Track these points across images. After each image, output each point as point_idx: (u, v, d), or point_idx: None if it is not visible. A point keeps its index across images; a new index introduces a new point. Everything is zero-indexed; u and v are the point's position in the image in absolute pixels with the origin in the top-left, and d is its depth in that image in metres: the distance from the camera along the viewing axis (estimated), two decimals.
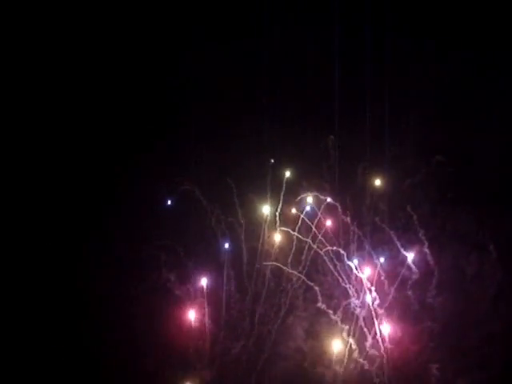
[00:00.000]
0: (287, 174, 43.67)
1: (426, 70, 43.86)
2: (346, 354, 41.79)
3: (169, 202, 43.08)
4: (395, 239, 42.58)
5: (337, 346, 41.73)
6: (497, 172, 42.89)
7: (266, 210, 43.47)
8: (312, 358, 42.59)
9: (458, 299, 42.16)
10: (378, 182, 43.84)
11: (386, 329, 41.60)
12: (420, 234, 42.52)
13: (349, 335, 42.12)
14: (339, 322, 42.31)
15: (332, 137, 43.57)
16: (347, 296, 42.64)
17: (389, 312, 42.47)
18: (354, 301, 42.64)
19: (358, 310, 42.55)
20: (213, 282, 43.16)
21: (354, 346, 41.90)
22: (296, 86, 44.13)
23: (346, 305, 42.65)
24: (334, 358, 41.96)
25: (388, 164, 43.72)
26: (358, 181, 43.78)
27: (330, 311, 42.53)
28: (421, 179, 43.21)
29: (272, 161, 44.10)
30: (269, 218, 43.38)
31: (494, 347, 41.07)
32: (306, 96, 44.08)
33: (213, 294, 43.13)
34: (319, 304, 42.54)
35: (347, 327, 42.28)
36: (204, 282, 42.93)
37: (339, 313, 42.53)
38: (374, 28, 43.01)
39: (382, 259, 42.43)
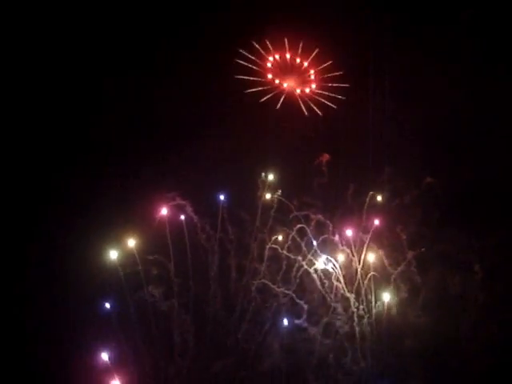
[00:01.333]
0: (279, 192, 42.93)
1: (417, 95, 44.24)
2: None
3: None
4: (384, 258, 42.73)
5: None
6: (484, 194, 43.46)
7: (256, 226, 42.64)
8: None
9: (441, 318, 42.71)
10: (367, 202, 43.62)
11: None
12: (407, 254, 42.88)
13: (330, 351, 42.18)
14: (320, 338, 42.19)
15: (326, 155, 43.29)
16: (333, 313, 42.56)
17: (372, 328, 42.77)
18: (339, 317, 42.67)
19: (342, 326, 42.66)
20: (199, 299, 42.15)
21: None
22: None
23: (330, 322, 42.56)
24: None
25: (378, 184, 43.69)
26: (348, 200, 43.55)
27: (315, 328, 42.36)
28: (410, 200, 43.44)
29: (263, 175, 43.33)
30: (259, 234, 42.64)
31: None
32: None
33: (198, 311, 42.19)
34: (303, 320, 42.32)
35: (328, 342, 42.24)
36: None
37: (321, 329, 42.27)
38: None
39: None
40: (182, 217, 41.76)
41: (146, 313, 40.63)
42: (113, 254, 39.70)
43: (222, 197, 42.41)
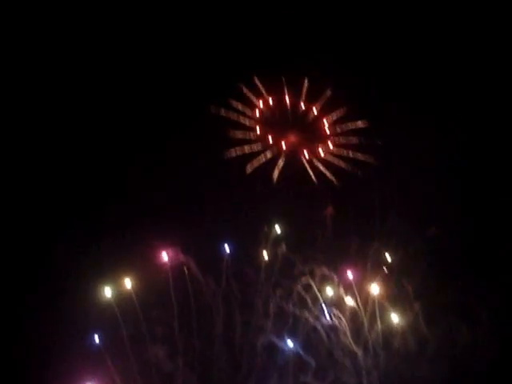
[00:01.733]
0: (283, 245, 42.51)
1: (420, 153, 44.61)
2: None
3: None
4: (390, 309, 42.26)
5: None
6: (486, 245, 43.40)
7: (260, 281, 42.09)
8: None
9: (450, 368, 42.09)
10: (372, 254, 43.35)
11: None
12: (414, 305, 42.44)
13: None
14: None
15: (330, 208, 43.09)
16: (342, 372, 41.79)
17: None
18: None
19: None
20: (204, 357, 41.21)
21: None
22: None
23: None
24: None
25: (383, 236, 43.47)
26: (353, 252, 43.20)
27: None
28: (414, 251, 43.26)
29: (267, 229, 42.99)
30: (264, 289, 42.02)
31: None
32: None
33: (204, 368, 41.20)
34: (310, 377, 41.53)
35: None
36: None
37: None
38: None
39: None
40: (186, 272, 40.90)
41: (150, 374, 39.49)
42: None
43: (226, 251, 41.58)
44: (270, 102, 44.75)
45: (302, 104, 45.76)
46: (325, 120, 45.66)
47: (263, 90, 44.66)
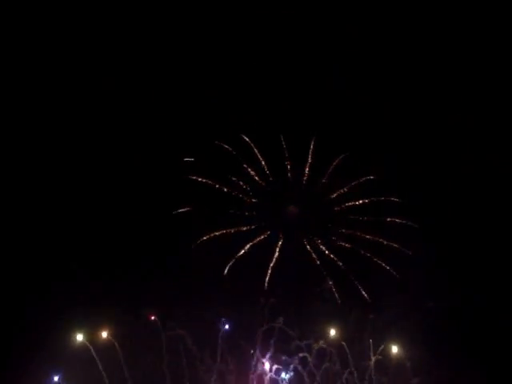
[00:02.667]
0: (280, 319, 41.87)
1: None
2: None
3: None
4: None
5: None
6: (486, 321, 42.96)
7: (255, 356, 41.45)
8: None
9: None
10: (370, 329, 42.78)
11: None
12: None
13: None
14: None
15: (330, 282, 42.59)
16: None
17: None
18: None
19: None
20: None
21: None
22: None
23: None
24: None
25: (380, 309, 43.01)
26: (350, 328, 42.62)
27: None
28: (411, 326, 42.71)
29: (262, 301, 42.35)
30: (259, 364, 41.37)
31: None
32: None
33: None
34: None
35: None
36: None
37: None
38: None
39: None
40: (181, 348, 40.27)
41: None
42: None
43: (222, 325, 40.99)
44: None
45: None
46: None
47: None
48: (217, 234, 42.97)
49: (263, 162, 44.26)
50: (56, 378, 38.59)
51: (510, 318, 42.38)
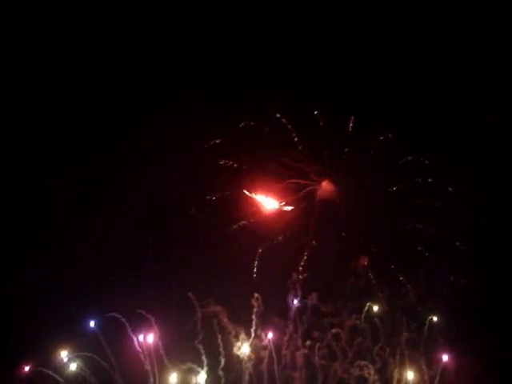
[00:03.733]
0: (314, 295, 42.02)
1: None
2: None
3: None
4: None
5: None
6: None
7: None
8: None
9: None
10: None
11: None
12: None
13: None
14: None
15: (365, 258, 42.54)
16: None
17: None
18: None
19: None
20: None
21: None
22: None
23: None
24: None
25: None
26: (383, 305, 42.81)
27: None
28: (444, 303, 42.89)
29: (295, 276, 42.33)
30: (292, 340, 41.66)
31: None
32: None
33: None
34: None
35: None
36: None
37: None
38: None
39: None
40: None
41: None
42: None
43: (254, 302, 41.04)
44: None
45: None
46: None
47: None
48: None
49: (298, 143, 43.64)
50: (92, 323, 39.49)
51: None
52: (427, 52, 43.55)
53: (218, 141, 42.55)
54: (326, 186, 43.93)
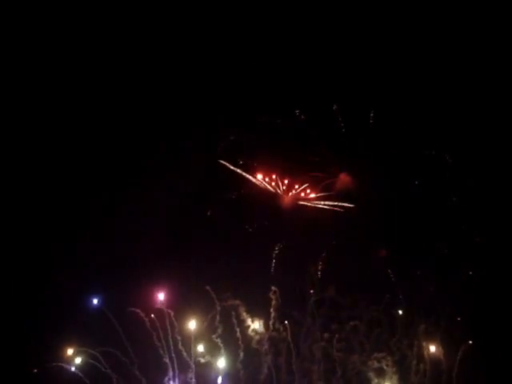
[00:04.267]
0: (332, 288, 41.97)
1: None
2: None
3: None
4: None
5: None
6: None
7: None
8: None
9: None
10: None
11: None
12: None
13: None
14: None
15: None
16: None
17: None
18: None
19: None
20: None
21: None
22: None
23: None
24: None
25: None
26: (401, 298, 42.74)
27: None
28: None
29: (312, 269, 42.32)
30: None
31: None
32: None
33: None
34: None
35: None
36: None
37: None
38: None
39: None
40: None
41: None
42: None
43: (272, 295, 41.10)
44: None
45: None
46: None
47: None
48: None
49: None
50: (95, 301, 39.74)
51: None
52: (437, 51, 43.27)
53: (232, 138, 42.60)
54: (343, 179, 43.66)
